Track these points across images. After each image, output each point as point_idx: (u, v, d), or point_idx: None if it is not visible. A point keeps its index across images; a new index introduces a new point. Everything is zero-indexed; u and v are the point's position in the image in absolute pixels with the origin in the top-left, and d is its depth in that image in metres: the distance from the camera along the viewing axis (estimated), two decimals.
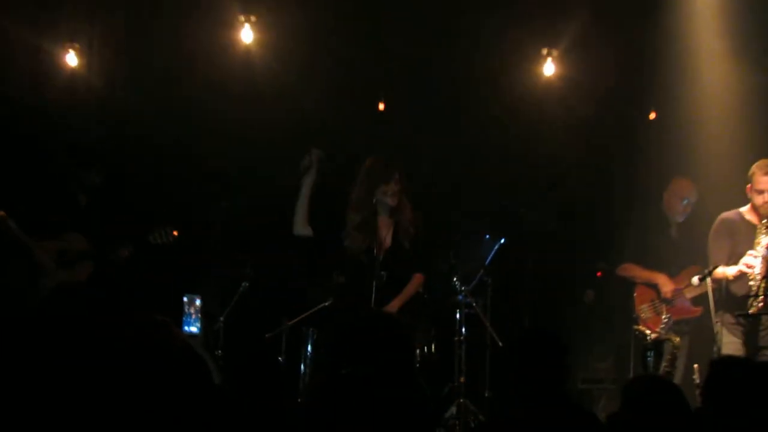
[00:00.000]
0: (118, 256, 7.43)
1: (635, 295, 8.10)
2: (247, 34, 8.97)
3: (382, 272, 6.93)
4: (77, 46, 9.04)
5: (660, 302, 7.96)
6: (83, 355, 4.23)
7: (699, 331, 7.86)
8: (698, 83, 8.96)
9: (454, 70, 9.36)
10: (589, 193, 9.40)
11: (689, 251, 7.86)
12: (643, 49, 9.22)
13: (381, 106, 9.45)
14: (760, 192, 7.22)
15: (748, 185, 7.31)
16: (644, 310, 8.02)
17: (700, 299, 7.57)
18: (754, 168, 7.28)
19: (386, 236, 7.19)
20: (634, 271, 8.15)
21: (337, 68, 9.29)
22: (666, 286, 7.89)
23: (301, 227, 7.31)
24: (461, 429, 7.45)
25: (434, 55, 9.28)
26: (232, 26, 8.99)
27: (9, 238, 7.17)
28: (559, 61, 9.25)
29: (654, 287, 8.03)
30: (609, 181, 9.42)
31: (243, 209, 8.91)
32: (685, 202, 8.12)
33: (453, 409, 7.74)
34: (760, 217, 7.23)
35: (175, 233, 7.53)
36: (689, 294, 7.75)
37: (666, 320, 7.75)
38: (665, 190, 8.27)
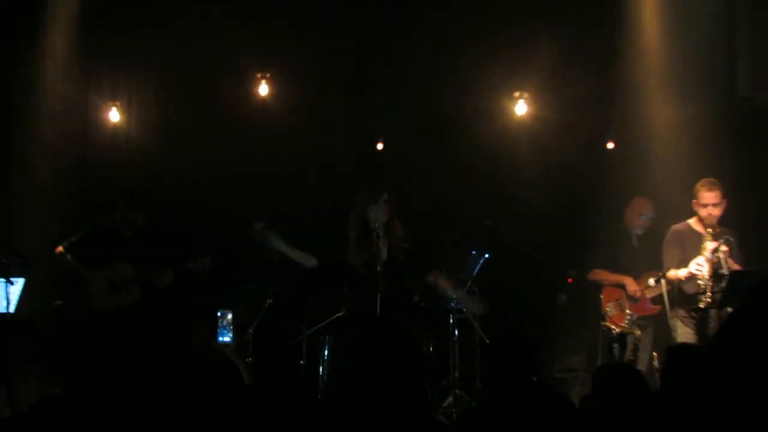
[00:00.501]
0: (161, 282, 7.44)
1: (602, 296, 8.10)
2: (263, 89, 9.10)
3: (384, 284, 6.95)
4: (119, 103, 9.14)
5: (625, 300, 7.96)
6: (139, 361, 4.30)
7: (658, 325, 7.86)
8: (644, 116, 9.06)
9: (443, 111, 9.46)
10: (561, 212, 9.39)
11: (648, 259, 7.87)
12: (599, 89, 9.31)
13: (380, 146, 9.51)
14: (704, 206, 7.30)
15: (694, 200, 7.37)
16: (610, 308, 8.00)
17: (659, 299, 7.55)
18: (698, 186, 7.35)
19: (382, 250, 7.15)
20: (603, 275, 8.15)
21: (341, 113, 9.38)
22: (632, 286, 7.89)
23: (308, 263, 7.34)
24: (457, 415, 7.44)
25: (425, 98, 9.37)
26: (250, 82, 9.11)
27: (67, 270, 7.26)
28: (529, 102, 9.40)
29: (619, 288, 8.02)
30: (578, 201, 9.44)
31: (263, 238, 8.94)
32: (644, 217, 8.11)
33: (450, 399, 7.73)
34: (705, 226, 7.29)
35: (207, 262, 7.59)
36: (649, 294, 7.75)
37: (629, 316, 7.71)
38: (627, 208, 8.29)
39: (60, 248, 7.26)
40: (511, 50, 9.17)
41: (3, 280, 6.55)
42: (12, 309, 6.72)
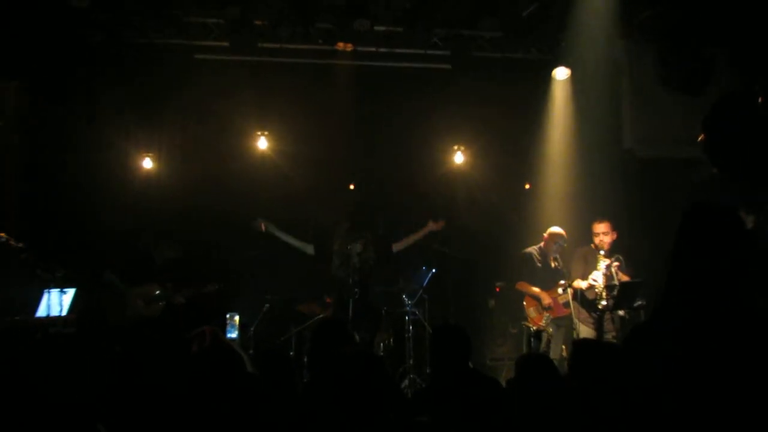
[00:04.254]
0: (177, 299, 7.68)
1: (524, 302, 7.98)
2: (262, 143, 9.02)
3: (356, 290, 6.98)
4: (151, 154, 9.04)
5: (542, 307, 7.94)
6: (166, 356, 4.20)
7: (570, 325, 7.81)
8: (553, 166, 9.17)
9: (401, 163, 9.44)
10: (491, 237, 9.35)
11: (561, 273, 7.81)
12: (521, 140, 9.34)
13: (351, 186, 9.47)
14: (596, 234, 7.51)
15: (592, 232, 7.54)
16: (531, 312, 7.93)
17: (568, 303, 7.54)
18: (594, 222, 7.57)
19: (356, 267, 7.27)
20: (525, 287, 7.98)
21: (323, 162, 9.25)
22: (546, 299, 7.82)
23: (306, 250, 7.40)
24: (410, 393, 7.39)
25: (389, 152, 9.38)
26: (252, 137, 9.03)
27: (112, 285, 7.50)
28: (465, 153, 9.43)
29: (538, 298, 8.00)
30: (503, 229, 9.38)
31: (262, 258, 8.86)
32: (558, 244, 8.00)
33: (406, 381, 7.79)
34: (599, 249, 7.39)
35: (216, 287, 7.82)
36: (561, 300, 7.72)
37: (546, 318, 7.75)
38: (546, 236, 8.14)
39: (108, 270, 7.50)
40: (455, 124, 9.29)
41: (59, 290, 6.49)
42: (64, 312, 6.64)
